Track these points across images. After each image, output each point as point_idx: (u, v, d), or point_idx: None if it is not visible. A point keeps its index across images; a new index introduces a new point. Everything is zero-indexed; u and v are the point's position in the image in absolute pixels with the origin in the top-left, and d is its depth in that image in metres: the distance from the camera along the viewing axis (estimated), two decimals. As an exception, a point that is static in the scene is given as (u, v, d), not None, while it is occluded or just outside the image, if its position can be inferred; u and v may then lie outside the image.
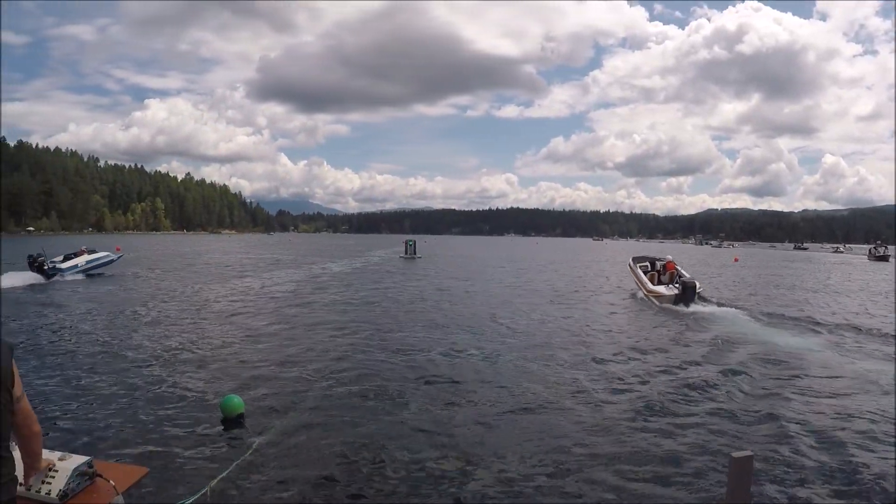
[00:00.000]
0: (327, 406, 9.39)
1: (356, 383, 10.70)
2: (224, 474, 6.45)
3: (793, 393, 10.75)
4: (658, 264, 26.61)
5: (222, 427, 8.39)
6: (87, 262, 33.60)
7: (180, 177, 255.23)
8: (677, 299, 22.69)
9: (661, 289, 24.00)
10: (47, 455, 3.18)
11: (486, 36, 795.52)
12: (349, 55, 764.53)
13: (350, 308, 21.60)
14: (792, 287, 35.66)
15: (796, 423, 8.93)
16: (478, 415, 9.18)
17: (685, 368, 12.50)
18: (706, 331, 17.31)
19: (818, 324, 19.09)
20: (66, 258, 32.70)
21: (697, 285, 23.43)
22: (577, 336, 16.34)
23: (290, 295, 26.12)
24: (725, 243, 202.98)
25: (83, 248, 35.54)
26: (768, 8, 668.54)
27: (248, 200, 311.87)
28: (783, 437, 8.31)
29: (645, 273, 26.28)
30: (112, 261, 36.41)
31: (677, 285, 23.52)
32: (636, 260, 28.30)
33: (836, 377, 12.12)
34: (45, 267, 30.54)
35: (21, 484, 2.97)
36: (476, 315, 20.24)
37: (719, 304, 23.25)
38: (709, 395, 10.48)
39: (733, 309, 22.09)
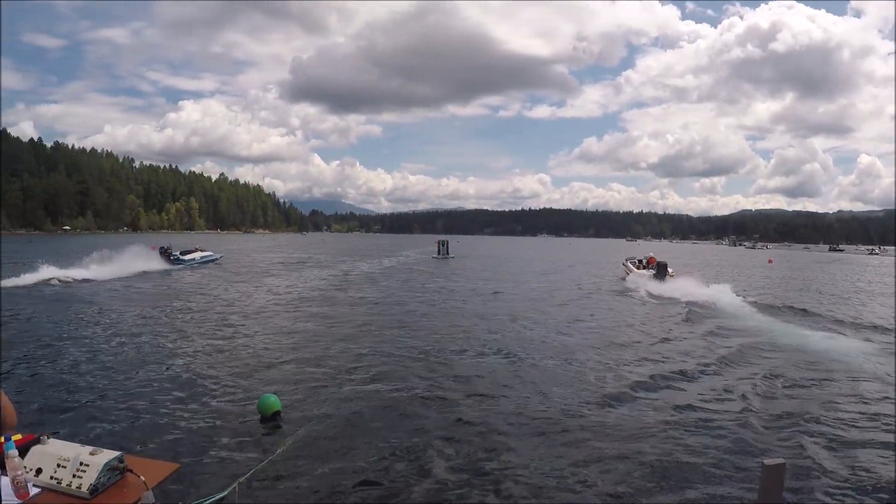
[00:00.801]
0: (361, 406, 9.48)
1: (391, 384, 10.78)
2: (253, 471, 6.58)
3: (824, 397, 10.67)
4: (644, 260, 37.63)
5: (258, 425, 8.52)
6: (202, 257, 44.23)
7: (214, 177, 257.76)
8: (653, 276, 32.38)
9: (643, 272, 34.76)
10: (78, 449, 3.28)
11: (518, 36, 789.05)
12: (381, 56, 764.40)
13: (384, 307, 21.78)
14: (840, 296, 35.12)
15: (827, 429, 8.87)
16: (506, 414, 9.22)
17: (709, 371, 12.44)
18: (730, 334, 17.10)
19: (850, 326, 18.92)
20: (184, 253, 42.57)
21: (669, 268, 33.13)
22: (600, 338, 16.21)
23: (325, 294, 26.37)
24: (759, 244, 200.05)
25: (196, 246, 47.72)
26: (801, 5, 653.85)
27: (281, 200, 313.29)
28: (814, 443, 8.24)
29: (634, 266, 37.56)
30: (215, 259, 46.47)
31: (653, 269, 33.59)
32: (628, 259, 41.18)
33: (867, 381, 11.97)
34: (171, 256, 40.58)
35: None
36: (506, 315, 20.20)
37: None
38: (736, 398, 10.37)
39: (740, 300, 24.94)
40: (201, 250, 45.49)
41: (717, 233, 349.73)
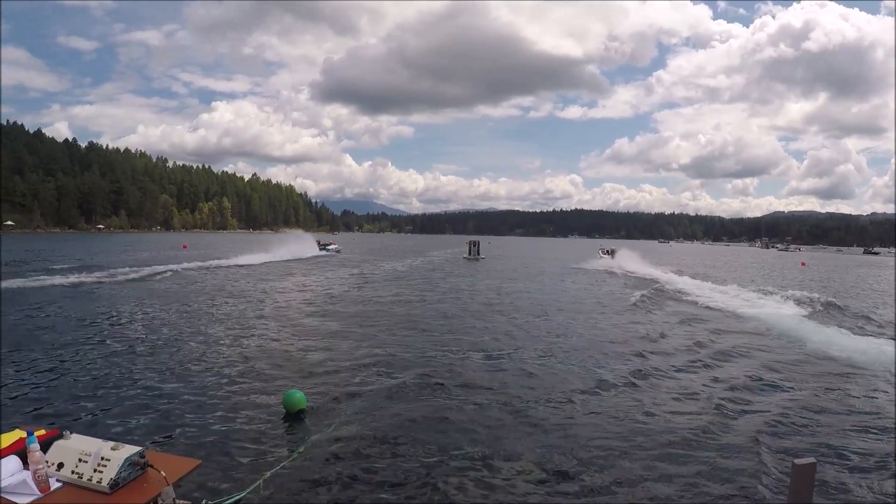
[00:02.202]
0: (387, 406, 9.45)
1: (417, 385, 10.72)
2: (277, 469, 6.56)
3: (848, 395, 10.64)
4: (609, 249, 64.04)
5: (283, 422, 8.54)
6: (334, 248, 69.55)
7: (246, 177, 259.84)
8: (610, 258, 57.52)
9: (606, 257, 59.96)
10: (100, 444, 3.31)
11: (549, 36, 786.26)
12: (412, 57, 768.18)
13: (417, 308, 21.78)
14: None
15: (855, 428, 8.77)
16: (536, 415, 9.18)
17: (735, 369, 12.39)
18: (747, 333, 17.11)
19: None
20: (328, 244, 70.98)
21: (615, 253, 60.18)
22: (619, 340, 16.03)
23: (355, 293, 26.48)
24: (792, 247, 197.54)
25: (331, 241, 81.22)
26: (834, 4, 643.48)
27: (313, 200, 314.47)
28: (844, 442, 8.14)
29: (603, 253, 63.18)
30: (339, 250, 69.72)
31: (610, 255, 60.07)
32: (600, 248, 67.52)
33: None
34: (322, 247, 67.24)
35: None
36: (535, 316, 20.12)
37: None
38: (760, 396, 10.30)
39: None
40: (334, 243, 74.58)
41: (749, 235, 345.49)
